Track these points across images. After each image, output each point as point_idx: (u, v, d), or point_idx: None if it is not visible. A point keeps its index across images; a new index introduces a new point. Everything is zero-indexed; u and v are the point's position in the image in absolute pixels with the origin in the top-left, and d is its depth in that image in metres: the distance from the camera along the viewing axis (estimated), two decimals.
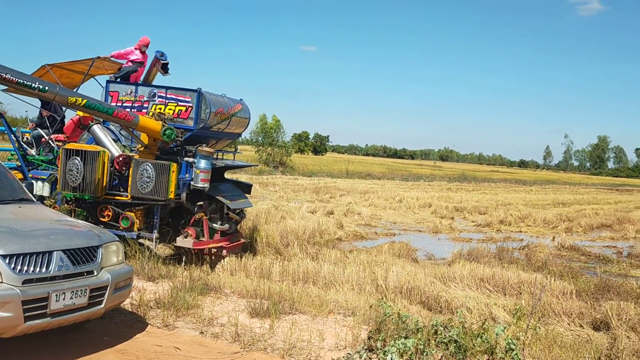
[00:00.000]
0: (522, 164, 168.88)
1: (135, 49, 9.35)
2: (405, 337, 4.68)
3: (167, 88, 8.40)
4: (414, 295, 7.65)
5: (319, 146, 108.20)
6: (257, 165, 31.66)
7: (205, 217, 8.28)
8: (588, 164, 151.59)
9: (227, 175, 9.81)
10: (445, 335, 4.58)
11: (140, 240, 8.02)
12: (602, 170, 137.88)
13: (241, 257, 8.58)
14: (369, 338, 4.92)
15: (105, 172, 7.95)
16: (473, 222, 18.93)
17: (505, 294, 8.06)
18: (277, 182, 27.56)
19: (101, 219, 7.96)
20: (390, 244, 11.81)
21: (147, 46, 9.45)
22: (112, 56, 9.34)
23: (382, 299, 6.06)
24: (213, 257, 8.57)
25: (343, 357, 4.66)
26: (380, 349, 4.59)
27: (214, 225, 8.43)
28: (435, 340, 4.61)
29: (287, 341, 4.97)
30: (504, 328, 4.46)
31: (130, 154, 8.37)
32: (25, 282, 3.96)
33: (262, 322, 5.50)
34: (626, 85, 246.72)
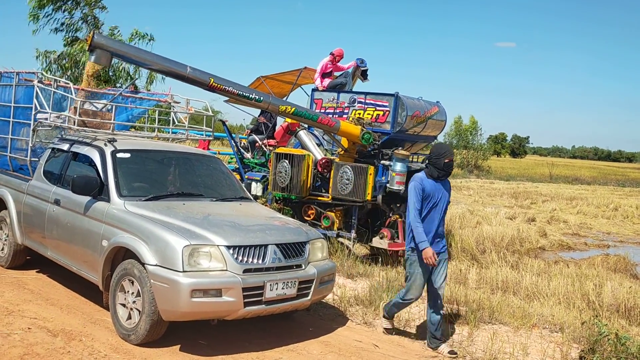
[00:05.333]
0: None
1: (328, 58, 9.86)
2: None
3: (366, 94, 8.71)
4: (635, 316, 6.74)
5: (518, 148, 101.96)
6: None
7: (400, 219, 8.37)
8: None
9: None
10: None
11: (340, 239, 8.42)
12: None
13: None
14: (580, 358, 4.49)
15: (309, 174, 8.52)
16: None
17: None
18: (471, 185, 26.63)
19: (305, 217, 8.55)
20: (603, 256, 10.57)
21: (341, 57, 9.93)
22: (322, 85, 9.75)
23: (595, 316, 5.47)
24: None
25: None
26: None
27: None
28: None
29: (488, 351, 4.77)
30: None
31: (332, 157, 8.85)
32: (245, 271, 4.42)
33: (460, 329, 5.36)
34: None
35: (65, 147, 5.92)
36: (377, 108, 8.51)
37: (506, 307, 6.17)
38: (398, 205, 8.45)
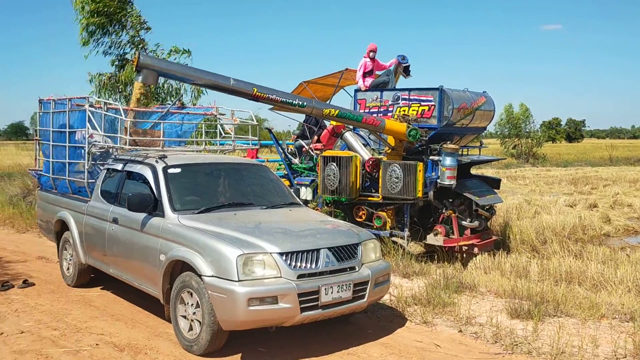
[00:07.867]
0: None
1: (365, 57, 9.88)
2: None
3: (409, 90, 8.59)
4: None
5: (574, 132, 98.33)
6: (505, 159, 30.15)
7: (454, 215, 8.20)
8: None
9: (473, 170, 9.56)
10: None
11: (394, 239, 8.33)
12: None
13: (494, 255, 8.25)
14: None
15: (358, 175, 8.48)
16: None
17: None
18: (526, 174, 25.80)
19: (357, 219, 8.51)
20: None
21: (374, 52, 9.92)
22: (364, 85, 9.80)
23: None
24: (464, 255, 8.43)
25: None
26: None
27: (463, 222, 8.28)
28: None
29: (555, 345, 4.59)
30: None
31: (379, 157, 8.77)
32: (299, 276, 4.43)
33: (524, 323, 5.19)
34: None
35: (119, 166, 6.12)
36: (422, 103, 8.38)
37: (572, 298, 5.92)
38: (451, 200, 8.29)
